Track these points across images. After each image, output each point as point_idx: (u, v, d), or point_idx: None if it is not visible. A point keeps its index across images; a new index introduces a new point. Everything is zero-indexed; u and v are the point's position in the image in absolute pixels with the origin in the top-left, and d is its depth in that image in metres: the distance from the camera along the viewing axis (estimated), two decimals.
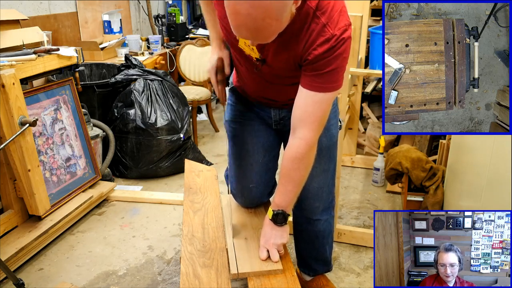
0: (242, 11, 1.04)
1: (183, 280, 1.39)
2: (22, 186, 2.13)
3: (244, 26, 1.08)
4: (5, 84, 1.97)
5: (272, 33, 1.11)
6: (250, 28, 1.08)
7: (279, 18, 1.07)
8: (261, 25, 1.06)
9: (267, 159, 1.70)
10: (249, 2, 1.02)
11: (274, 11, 1.05)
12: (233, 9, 1.06)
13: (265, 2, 1.02)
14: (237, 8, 1.04)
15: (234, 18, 1.08)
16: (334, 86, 1.29)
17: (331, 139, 1.62)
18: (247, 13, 1.04)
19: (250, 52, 1.37)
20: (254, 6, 1.03)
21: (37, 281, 2.03)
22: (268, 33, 1.11)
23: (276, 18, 1.07)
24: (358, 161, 3.28)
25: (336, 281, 2.02)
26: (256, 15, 1.04)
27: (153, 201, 2.75)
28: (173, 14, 4.39)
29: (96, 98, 3.06)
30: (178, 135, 3.01)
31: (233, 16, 1.07)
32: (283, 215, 1.45)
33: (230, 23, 1.10)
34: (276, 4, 1.04)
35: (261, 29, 1.08)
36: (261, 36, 1.12)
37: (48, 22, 3.14)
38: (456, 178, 2.22)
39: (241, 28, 1.09)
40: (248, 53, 1.38)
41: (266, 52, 1.32)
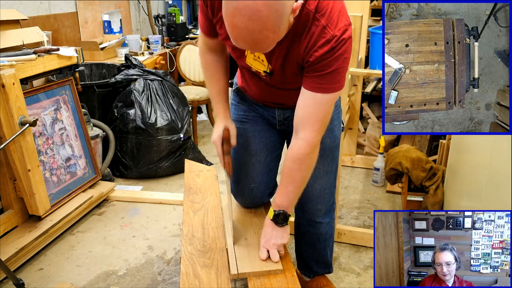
0: (239, 24, 1.06)
1: (183, 280, 1.39)
2: (22, 186, 2.13)
3: (242, 38, 1.10)
4: (5, 84, 1.97)
5: (270, 44, 1.14)
6: (248, 40, 1.10)
7: (276, 30, 1.09)
8: (258, 38, 1.08)
9: (270, 159, 1.70)
10: (246, 16, 1.04)
11: (271, 23, 1.07)
12: (231, 23, 1.08)
13: (262, 15, 1.04)
14: (235, 21, 1.06)
15: (232, 31, 1.10)
16: (336, 87, 1.30)
17: (334, 140, 1.62)
18: (244, 26, 1.06)
19: (258, 66, 1.39)
20: (251, 19, 1.04)
21: (37, 281, 2.03)
22: (266, 45, 1.13)
23: (273, 30, 1.08)
24: (358, 161, 3.28)
25: (336, 281, 2.02)
26: (253, 28, 1.06)
27: (153, 201, 2.75)
28: (173, 14, 4.39)
29: (96, 98, 3.06)
30: (178, 135, 3.01)
31: (231, 29, 1.10)
32: (284, 216, 1.45)
33: (230, 36, 1.12)
34: (273, 17, 1.06)
35: (258, 41, 1.10)
36: (259, 48, 1.14)
37: (48, 22, 3.14)
38: (456, 178, 2.22)
39: (239, 41, 1.12)
40: (256, 68, 1.40)
41: (274, 63, 1.34)
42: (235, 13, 1.05)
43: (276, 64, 1.34)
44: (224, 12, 1.09)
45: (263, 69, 1.39)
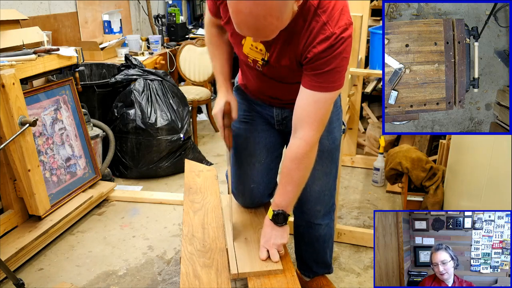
0: (244, 10, 1.06)
1: (183, 280, 1.39)
2: (22, 186, 2.13)
3: (246, 24, 1.10)
4: (5, 84, 1.97)
5: (273, 31, 1.13)
6: (251, 26, 1.09)
7: (280, 16, 1.09)
8: (262, 24, 1.08)
9: (269, 159, 1.70)
10: (251, 1, 1.04)
11: (276, 9, 1.06)
12: (235, 8, 1.08)
13: (267, 1, 1.04)
14: (239, 6, 1.06)
15: (236, 16, 1.10)
16: (335, 86, 1.29)
17: (333, 142, 1.61)
18: (248, 12, 1.05)
19: (255, 55, 1.38)
20: (256, 4, 1.04)
21: (37, 281, 2.03)
22: (269, 31, 1.12)
23: (277, 16, 1.08)
24: (358, 161, 3.28)
25: (336, 281, 2.02)
26: (257, 13, 1.05)
27: (153, 201, 2.75)
28: (173, 14, 4.39)
29: (96, 98, 3.06)
30: (178, 135, 3.01)
31: (235, 14, 1.09)
32: (283, 215, 1.45)
33: (233, 20, 1.12)
34: (277, 2, 1.05)
35: (262, 27, 1.09)
36: (262, 34, 1.13)
37: (48, 22, 3.13)
38: (456, 178, 2.22)
39: (243, 26, 1.11)
40: (253, 57, 1.40)
41: (271, 52, 1.33)
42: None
43: (273, 55, 1.33)
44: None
45: (261, 57, 1.37)
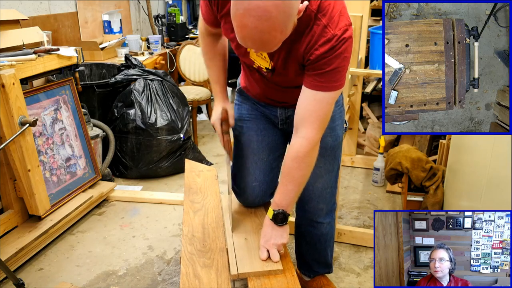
0: (249, 24, 1.08)
1: (183, 280, 1.39)
2: (22, 186, 2.13)
3: (250, 38, 1.12)
4: (5, 84, 1.97)
5: (277, 44, 1.16)
6: (256, 40, 1.12)
7: (283, 30, 1.12)
8: (266, 38, 1.11)
9: (272, 158, 1.71)
10: (257, 16, 1.06)
11: (280, 24, 1.09)
12: (240, 22, 1.10)
13: (272, 16, 1.06)
14: (244, 21, 1.08)
15: (240, 31, 1.12)
16: (336, 85, 1.31)
17: (336, 139, 1.62)
18: (253, 26, 1.08)
19: (261, 62, 1.40)
20: (261, 19, 1.06)
21: (37, 281, 2.03)
22: (273, 44, 1.15)
23: (281, 30, 1.11)
24: (358, 161, 3.28)
25: (336, 281, 2.02)
26: (262, 28, 1.08)
27: (153, 201, 2.75)
28: (173, 14, 4.39)
29: (96, 98, 3.06)
30: (178, 135, 3.01)
31: (239, 28, 1.11)
32: (283, 215, 1.45)
33: (236, 34, 1.14)
34: (282, 17, 1.08)
35: (266, 41, 1.12)
36: (265, 47, 1.16)
37: (48, 22, 3.13)
38: (456, 178, 2.22)
39: (247, 40, 1.13)
40: (258, 64, 1.42)
41: (276, 61, 1.36)
42: (245, 13, 1.06)
43: (278, 62, 1.36)
44: (233, 12, 1.10)
45: (266, 66, 1.40)
